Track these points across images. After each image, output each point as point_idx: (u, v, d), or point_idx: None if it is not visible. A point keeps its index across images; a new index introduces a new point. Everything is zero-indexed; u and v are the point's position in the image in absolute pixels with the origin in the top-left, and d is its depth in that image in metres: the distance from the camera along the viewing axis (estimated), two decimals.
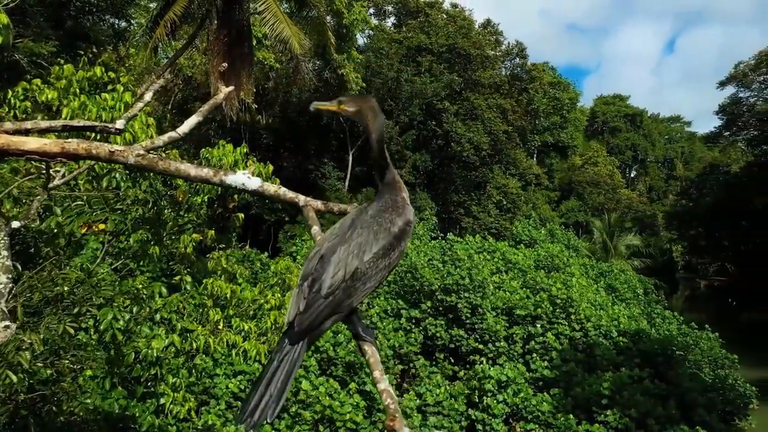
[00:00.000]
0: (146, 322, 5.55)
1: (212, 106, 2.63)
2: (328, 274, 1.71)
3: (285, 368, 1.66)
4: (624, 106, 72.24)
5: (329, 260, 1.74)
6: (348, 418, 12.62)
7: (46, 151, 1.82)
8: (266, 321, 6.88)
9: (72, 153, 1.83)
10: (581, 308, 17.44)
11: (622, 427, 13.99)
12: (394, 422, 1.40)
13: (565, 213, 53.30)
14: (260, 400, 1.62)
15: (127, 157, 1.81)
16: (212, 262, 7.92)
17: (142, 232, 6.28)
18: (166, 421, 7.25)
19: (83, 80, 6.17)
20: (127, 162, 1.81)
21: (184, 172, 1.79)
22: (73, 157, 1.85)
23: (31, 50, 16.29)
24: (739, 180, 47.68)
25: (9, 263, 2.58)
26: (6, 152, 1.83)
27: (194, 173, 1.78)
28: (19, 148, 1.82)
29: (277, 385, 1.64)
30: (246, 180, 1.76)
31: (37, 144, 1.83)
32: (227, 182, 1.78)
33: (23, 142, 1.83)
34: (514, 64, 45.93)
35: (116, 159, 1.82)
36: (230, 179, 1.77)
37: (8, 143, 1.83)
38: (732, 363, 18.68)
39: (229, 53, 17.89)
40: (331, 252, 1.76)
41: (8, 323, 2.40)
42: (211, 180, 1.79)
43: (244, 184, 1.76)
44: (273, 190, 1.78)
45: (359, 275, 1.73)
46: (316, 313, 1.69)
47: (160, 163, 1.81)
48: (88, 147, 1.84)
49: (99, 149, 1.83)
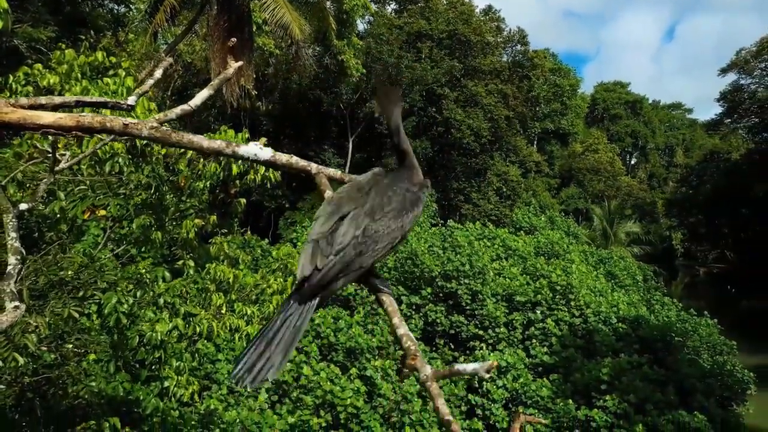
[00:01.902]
0: (150, 307, 5.59)
1: (222, 80, 2.64)
2: (339, 231, 1.68)
3: (291, 327, 1.58)
4: (624, 93, 72.03)
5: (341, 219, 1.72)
6: (349, 403, 12.70)
7: (62, 125, 1.84)
8: (268, 306, 6.92)
9: (87, 126, 1.84)
10: (581, 295, 17.51)
11: (621, 412, 14.09)
12: (415, 360, 1.43)
13: (565, 200, 53.29)
14: (258, 359, 1.53)
15: (141, 130, 1.83)
16: (215, 247, 7.94)
17: (144, 217, 6.29)
18: (169, 405, 7.31)
19: (85, 65, 6.16)
20: (141, 135, 1.83)
21: (197, 144, 1.81)
22: (87, 131, 1.87)
23: (30, 36, 16.20)
24: (740, 167, 47.64)
25: (18, 244, 2.60)
26: (22, 126, 1.86)
27: (207, 145, 1.80)
28: (35, 122, 1.84)
29: (280, 345, 1.55)
30: (258, 151, 1.78)
31: (53, 118, 1.85)
32: (240, 153, 1.80)
33: (39, 117, 1.85)
34: (515, 51, 45.72)
35: (130, 132, 1.83)
36: (242, 150, 1.79)
37: (24, 117, 1.85)
38: (730, 349, 18.80)
39: (229, 39, 17.78)
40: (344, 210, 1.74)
41: (17, 303, 2.42)
42: (223, 151, 1.81)
43: (257, 155, 1.78)
44: (285, 159, 1.80)
45: (370, 233, 1.69)
46: (327, 269, 1.64)
47: (173, 136, 1.82)
48: (103, 120, 1.85)
49: (113, 122, 1.85)
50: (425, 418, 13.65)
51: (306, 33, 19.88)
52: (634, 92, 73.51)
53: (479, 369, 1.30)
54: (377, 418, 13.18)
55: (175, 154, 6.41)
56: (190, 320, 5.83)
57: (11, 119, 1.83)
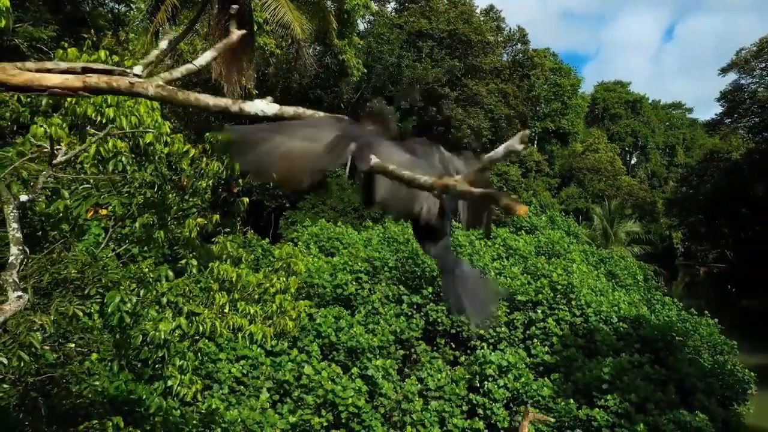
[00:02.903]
0: (153, 306, 5.58)
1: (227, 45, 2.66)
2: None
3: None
4: (624, 93, 72.02)
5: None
6: (350, 403, 12.71)
7: (68, 86, 1.84)
8: (272, 305, 6.92)
9: (93, 87, 1.85)
10: (582, 294, 17.50)
11: (622, 411, 14.10)
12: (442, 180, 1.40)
13: (565, 200, 53.28)
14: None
15: (147, 89, 1.83)
16: (218, 246, 7.93)
17: (147, 216, 6.29)
18: (171, 404, 7.31)
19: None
20: (148, 94, 1.83)
21: (204, 103, 1.81)
22: (94, 91, 1.87)
23: (30, 35, 16.20)
24: (740, 167, 47.62)
25: (19, 235, 2.60)
26: (29, 88, 1.86)
27: (213, 103, 1.81)
28: (41, 84, 1.85)
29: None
30: (264, 106, 1.78)
31: (59, 79, 1.86)
32: (246, 110, 1.80)
33: (45, 78, 1.86)
34: (515, 50, 45.73)
35: (137, 91, 1.83)
36: (248, 107, 1.79)
37: (31, 79, 1.85)
38: (731, 349, 18.82)
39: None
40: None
41: (21, 293, 2.42)
42: (230, 108, 1.81)
43: (264, 110, 1.78)
44: (292, 111, 1.80)
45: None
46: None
47: (179, 95, 1.82)
48: (109, 80, 1.85)
49: (119, 82, 1.85)
50: (426, 417, 13.66)
51: (307, 32, 19.87)
52: (634, 92, 73.55)
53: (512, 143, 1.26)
54: (378, 418, 13.19)
55: (178, 153, 6.41)
56: (193, 319, 5.84)
57: (18, 81, 1.85)
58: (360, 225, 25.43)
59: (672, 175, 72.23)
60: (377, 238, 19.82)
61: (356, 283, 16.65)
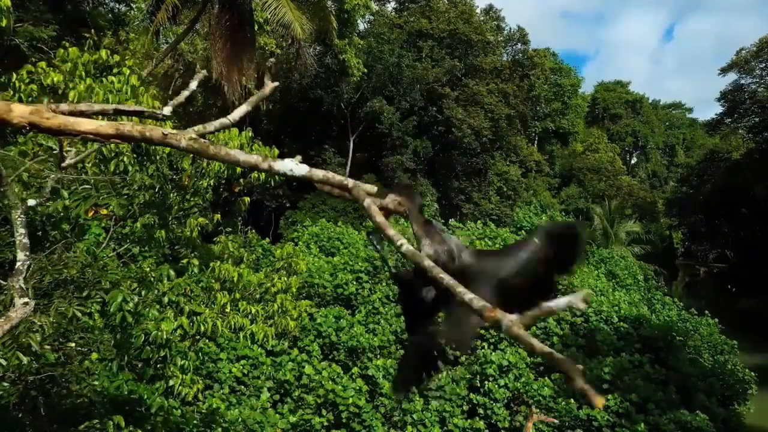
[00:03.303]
0: (154, 305, 5.57)
1: (260, 97, 2.70)
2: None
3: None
4: (624, 93, 71.98)
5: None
6: (351, 402, 12.69)
7: (101, 133, 1.85)
8: (273, 305, 6.91)
9: (127, 135, 1.87)
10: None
11: (623, 411, 14.09)
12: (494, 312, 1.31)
13: (565, 200, 53.25)
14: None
15: (180, 140, 1.84)
16: (219, 245, 7.93)
17: (148, 216, 6.28)
18: (172, 404, 7.30)
19: (89, 63, 6.14)
20: (180, 146, 1.84)
21: (234, 158, 1.83)
22: (127, 139, 1.89)
23: (31, 34, 16.18)
24: (740, 167, 47.59)
25: (26, 240, 2.59)
26: (62, 132, 1.88)
27: (243, 159, 1.82)
28: (75, 129, 1.87)
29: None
30: (294, 166, 1.80)
31: (93, 126, 1.87)
32: (276, 168, 1.82)
33: (79, 123, 1.88)
34: (515, 49, 45.73)
35: (169, 142, 1.85)
36: (278, 166, 1.81)
37: (65, 123, 1.87)
38: (731, 349, 18.82)
39: (230, 38, 17.78)
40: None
41: (27, 300, 2.42)
42: (259, 166, 1.83)
43: (292, 171, 1.81)
44: (321, 175, 1.82)
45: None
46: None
47: (211, 148, 1.84)
48: (143, 130, 1.87)
49: (153, 132, 1.86)
50: (427, 417, 13.65)
51: (307, 32, 19.87)
52: (634, 92, 73.52)
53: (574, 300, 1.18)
54: (379, 418, 13.18)
55: (180, 153, 6.40)
56: (195, 319, 5.82)
57: (52, 125, 1.87)
58: (360, 225, 25.43)
59: (672, 175, 72.23)
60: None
61: (357, 283, 16.65)
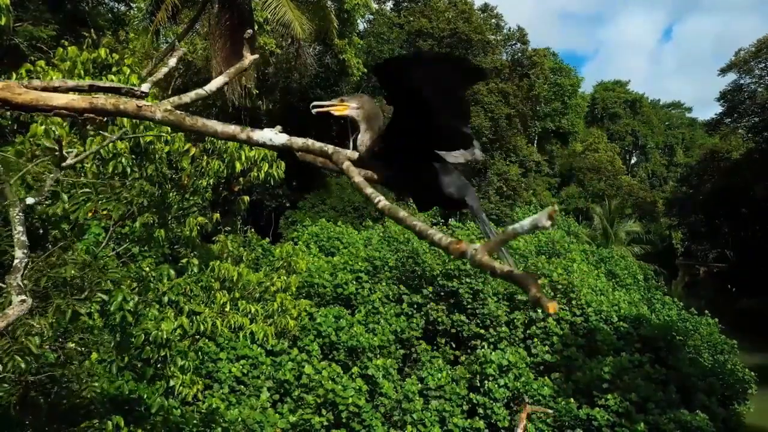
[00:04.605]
0: (154, 305, 5.56)
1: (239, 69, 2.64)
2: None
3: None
4: (624, 92, 72.01)
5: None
6: (350, 402, 12.69)
7: (74, 107, 1.82)
8: (273, 304, 6.90)
9: (100, 108, 1.83)
10: (582, 294, 17.49)
11: (623, 411, 14.09)
12: (460, 245, 1.34)
13: (565, 199, 53.27)
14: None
15: (155, 112, 1.81)
16: (218, 245, 7.92)
17: (147, 216, 6.27)
18: (172, 404, 7.29)
19: (88, 62, 6.13)
20: (155, 117, 1.81)
21: (212, 129, 1.79)
22: (101, 113, 1.85)
23: (30, 34, 16.20)
24: (740, 167, 47.60)
25: (24, 238, 2.58)
26: (35, 108, 1.84)
27: (221, 129, 1.78)
28: (47, 104, 1.83)
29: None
30: (273, 136, 1.76)
31: (66, 99, 1.83)
32: (254, 138, 1.78)
33: (51, 98, 1.84)
34: (514, 49, 45.73)
35: (144, 114, 1.81)
36: (257, 136, 1.77)
37: (37, 98, 1.83)
38: (731, 348, 18.81)
39: (230, 38, 17.77)
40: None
41: (24, 297, 2.41)
42: (238, 136, 1.78)
43: (272, 140, 1.76)
44: (301, 142, 1.78)
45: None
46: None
47: (187, 119, 1.80)
48: (116, 102, 1.83)
49: (127, 105, 1.83)
50: (427, 417, 13.65)
51: (307, 32, 19.86)
52: (633, 91, 73.55)
53: (540, 218, 1.16)
54: (379, 417, 13.18)
55: (179, 152, 6.39)
56: (194, 318, 5.82)
57: (24, 100, 1.83)
58: (360, 224, 25.42)
59: (671, 174, 72.22)
60: (377, 237, 19.81)
61: (356, 283, 16.64)
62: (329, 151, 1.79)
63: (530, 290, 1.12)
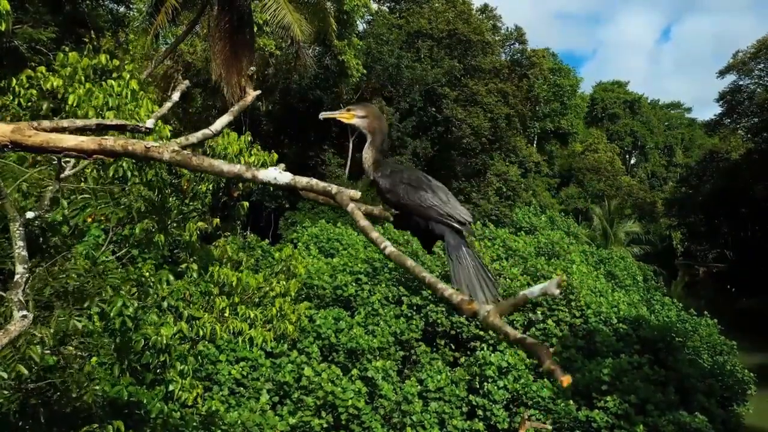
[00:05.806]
0: (154, 310, 5.58)
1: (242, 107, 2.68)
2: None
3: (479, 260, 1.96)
4: (623, 93, 72.04)
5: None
6: (350, 404, 12.70)
7: (84, 149, 1.84)
8: (271, 309, 6.92)
9: (109, 150, 1.85)
10: (581, 295, 17.50)
11: (622, 412, 14.09)
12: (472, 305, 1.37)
13: (565, 200, 53.31)
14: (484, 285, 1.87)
15: (162, 153, 1.83)
16: (218, 249, 7.94)
17: (147, 221, 6.29)
18: (171, 407, 7.31)
19: (88, 68, 6.14)
20: (162, 158, 1.83)
21: (218, 169, 1.81)
22: (110, 154, 1.88)
23: (30, 36, 16.18)
24: (739, 167, 47.65)
25: (25, 253, 2.60)
26: (45, 149, 1.87)
27: (227, 169, 1.80)
28: (57, 145, 1.85)
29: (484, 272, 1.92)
30: (277, 174, 1.78)
31: (75, 141, 1.86)
32: (260, 177, 1.80)
33: (61, 140, 1.86)
34: (513, 49, 45.77)
35: (151, 155, 1.84)
36: (262, 175, 1.79)
37: (47, 140, 1.86)
38: (730, 349, 18.83)
39: (230, 39, 17.79)
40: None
41: (25, 313, 2.43)
42: (243, 175, 1.81)
43: (276, 179, 1.78)
44: (305, 182, 1.80)
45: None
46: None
47: (194, 160, 1.83)
48: (125, 144, 1.86)
49: (135, 146, 1.85)
50: (426, 418, 13.66)
51: (306, 33, 19.88)
52: (633, 92, 73.56)
53: (548, 286, 1.20)
54: (378, 419, 13.19)
55: None
56: (194, 323, 5.83)
57: (35, 142, 1.86)
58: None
59: (671, 175, 72.26)
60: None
61: (356, 285, 16.65)
62: (333, 191, 1.82)
63: (543, 361, 1.13)
